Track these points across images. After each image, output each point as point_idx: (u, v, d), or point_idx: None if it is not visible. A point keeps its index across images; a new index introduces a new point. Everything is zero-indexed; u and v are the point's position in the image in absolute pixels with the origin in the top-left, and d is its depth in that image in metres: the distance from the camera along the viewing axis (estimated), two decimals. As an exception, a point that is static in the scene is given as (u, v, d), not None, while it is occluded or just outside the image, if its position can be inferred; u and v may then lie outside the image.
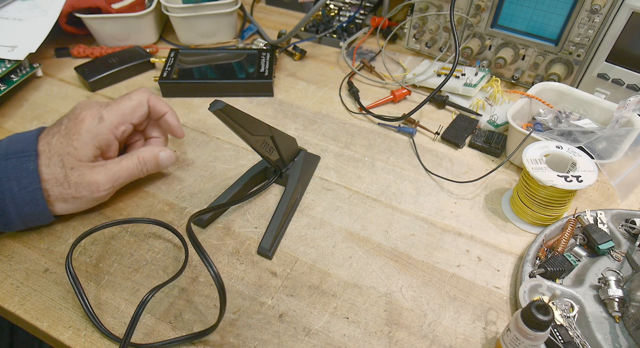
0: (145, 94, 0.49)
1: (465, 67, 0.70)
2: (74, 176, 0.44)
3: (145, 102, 0.49)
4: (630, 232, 0.47)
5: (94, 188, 0.45)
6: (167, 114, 0.51)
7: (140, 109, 0.48)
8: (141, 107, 0.48)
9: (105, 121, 0.45)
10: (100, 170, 0.45)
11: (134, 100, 0.48)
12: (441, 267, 0.46)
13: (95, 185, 0.45)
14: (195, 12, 0.73)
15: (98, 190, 0.45)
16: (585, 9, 0.59)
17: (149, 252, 0.46)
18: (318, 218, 0.50)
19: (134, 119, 0.48)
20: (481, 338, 0.40)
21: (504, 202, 0.52)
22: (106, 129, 0.45)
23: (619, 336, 0.39)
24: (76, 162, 0.44)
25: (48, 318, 0.41)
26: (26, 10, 0.72)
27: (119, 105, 0.47)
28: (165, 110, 0.51)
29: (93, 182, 0.45)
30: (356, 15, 0.84)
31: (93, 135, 0.44)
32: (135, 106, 0.48)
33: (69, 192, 0.44)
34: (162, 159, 0.50)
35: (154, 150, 0.50)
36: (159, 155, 0.50)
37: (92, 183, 0.45)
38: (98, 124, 0.45)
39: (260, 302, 0.42)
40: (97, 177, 0.45)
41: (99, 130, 0.45)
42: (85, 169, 0.44)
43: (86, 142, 0.44)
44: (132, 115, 0.47)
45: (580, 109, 0.58)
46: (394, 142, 0.60)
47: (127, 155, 0.48)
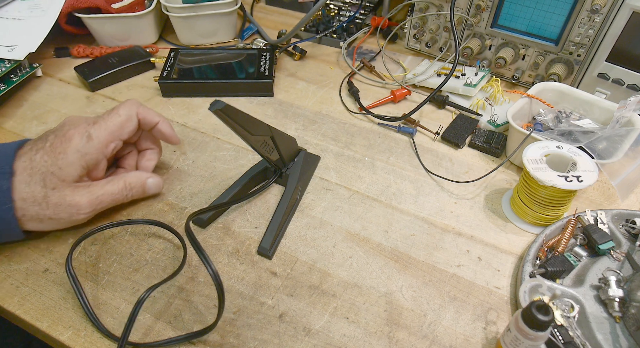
0: (133, 108, 0.47)
1: (465, 67, 0.70)
2: (54, 197, 0.41)
3: (134, 115, 0.47)
4: (630, 232, 0.47)
5: (74, 211, 0.43)
6: (159, 124, 0.49)
7: (129, 124, 0.46)
8: (130, 122, 0.46)
9: (94, 140, 0.43)
10: (83, 193, 0.43)
11: (122, 116, 0.46)
12: (441, 267, 0.46)
13: (76, 207, 0.42)
14: (195, 12, 0.73)
15: (78, 213, 0.43)
16: (586, 9, 0.59)
17: (148, 252, 0.46)
18: (318, 218, 0.50)
19: (124, 135, 0.46)
20: (481, 339, 0.40)
21: (504, 202, 0.52)
22: (95, 148, 0.43)
23: (619, 336, 0.39)
24: (59, 183, 0.41)
25: (48, 318, 0.41)
26: (26, 10, 0.72)
27: (107, 122, 0.45)
28: (156, 120, 0.49)
29: (74, 205, 0.42)
30: (356, 15, 0.84)
31: (81, 155, 0.42)
32: (124, 122, 0.46)
33: (46, 213, 0.42)
34: (149, 186, 0.48)
35: (142, 177, 0.48)
36: (146, 182, 0.48)
37: (73, 206, 0.42)
38: (87, 143, 0.43)
39: (260, 302, 0.42)
40: (79, 199, 0.43)
41: (87, 149, 0.43)
42: (67, 190, 0.42)
43: (72, 162, 0.42)
44: (122, 132, 0.45)
45: (580, 109, 0.58)
46: (394, 142, 0.60)
47: (113, 179, 0.46)
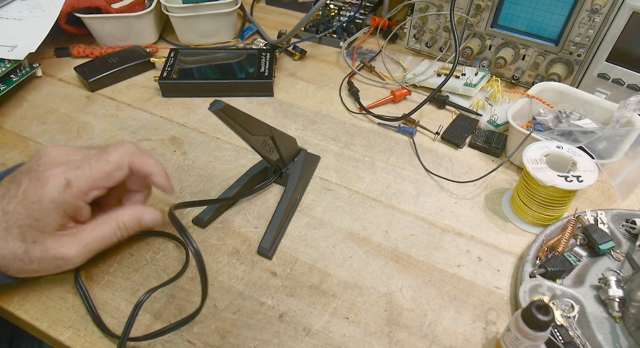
0: (126, 156, 0.40)
1: (465, 67, 0.70)
2: (36, 251, 0.37)
3: (126, 164, 0.40)
4: (630, 232, 0.47)
5: (61, 264, 0.38)
6: (153, 176, 0.42)
7: (117, 173, 0.40)
8: (119, 171, 0.40)
9: (73, 188, 0.37)
10: (68, 242, 0.38)
11: (111, 164, 0.39)
12: (441, 267, 0.46)
13: (63, 260, 0.38)
14: (195, 12, 0.73)
15: (66, 265, 0.38)
16: (586, 9, 0.59)
17: (149, 252, 0.46)
18: (318, 218, 0.50)
19: (109, 184, 0.40)
20: (481, 339, 0.40)
21: (504, 202, 0.52)
22: (73, 197, 0.37)
23: (619, 336, 0.39)
24: (39, 235, 0.36)
25: (48, 318, 0.41)
26: (26, 10, 0.72)
27: (92, 169, 0.38)
28: (151, 172, 0.42)
29: (60, 257, 0.37)
30: (356, 15, 0.84)
31: (57, 205, 0.37)
32: (112, 170, 0.39)
33: (30, 267, 0.37)
34: (146, 222, 0.42)
35: (137, 212, 0.42)
36: (142, 219, 0.42)
37: (59, 258, 0.37)
38: (64, 192, 0.37)
39: (260, 302, 0.42)
40: (65, 251, 0.37)
41: (64, 199, 0.37)
42: (50, 242, 0.37)
43: (49, 212, 0.36)
44: (107, 180, 0.39)
45: (580, 109, 0.58)
46: (394, 142, 0.60)
47: (103, 220, 0.40)
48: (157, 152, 0.57)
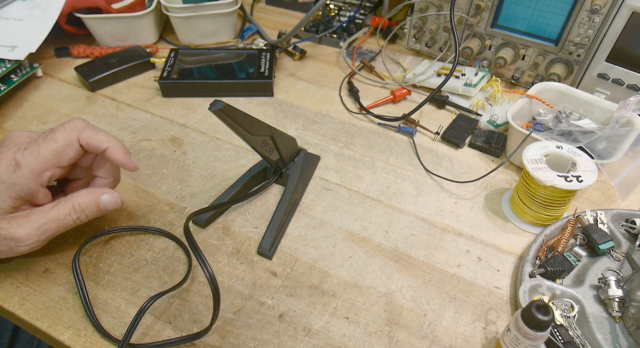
0: (74, 132, 0.40)
1: (465, 67, 0.70)
2: None
3: (75, 141, 0.40)
4: (630, 232, 0.47)
5: (13, 244, 0.37)
6: (108, 150, 0.41)
7: (67, 151, 0.39)
8: (68, 148, 0.39)
9: (23, 169, 0.37)
10: (21, 222, 0.37)
11: (59, 142, 0.39)
12: (441, 267, 0.46)
13: (14, 240, 0.37)
14: (195, 12, 0.73)
15: (18, 246, 0.38)
16: (585, 9, 0.59)
17: (149, 252, 0.46)
18: (318, 218, 0.50)
19: (62, 163, 0.39)
20: (481, 338, 0.40)
21: (504, 202, 0.52)
22: (24, 178, 0.37)
23: (619, 336, 0.39)
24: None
25: (48, 318, 0.41)
26: (26, 10, 0.72)
27: (40, 149, 0.38)
28: (103, 146, 0.41)
29: (11, 238, 0.37)
30: (356, 15, 0.84)
31: (7, 186, 0.37)
32: (60, 148, 0.39)
33: None
34: (104, 204, 0.41)
35: (94, 194, 0.41)
36: (100, 199, 0.41)
37: (10, 239, 0.37)
38: (13, 172, 0.37)
39: (260, 302, 0.42)
40: (17, 231, 0.37)
41: (14, 180, 0.37)
42: (3, 222, 0.37)
43: (0, 194, 0.36)
44: (58, 159, 0.39)
45: (580, 109, 0.58)
46: (394, 142, 0.60)
47: (59, 202, 0.40)
48: (157, 152, 0.57)
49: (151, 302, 0.40)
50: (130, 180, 0.54)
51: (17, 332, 0.63)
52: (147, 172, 0.55)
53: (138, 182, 0.53)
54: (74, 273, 0.42)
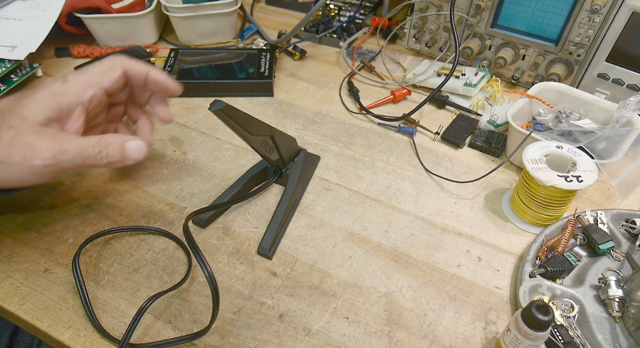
0: (117, 59, 0.42)
1: (465, 67, 0.70)
2: (7, 135, 0.34)
3: (118, 66, 0.41)
4: (630, 232, 0.47)
5: (29, 154, 0.34)
6: (150, 73, 0.44)
7: (111, 72, 0.41)
8: (112, 70, 0.41)
9: (69, 82, 0.38)
10: (45, 137, 0.35)
11: (105, 64, 0.41)
12: (441, 267, 0.46)
13: (33, 149, 0.35)
14: (195, 12, 0.73)
15: (33, 157, 0.35)
16: (586, 9, 0.59)
17: (149, 252, 0.46)
18: (318, 218, 0.50)
19: (105, 83, 0.40)
20: (481, 339, 0.40)
21: (504, 202, 0.52)
22: (69, 89, 0.37)
23: (619, 336, 0.39)
24: (18, 121, 0.35)
25: (48, 318, 0.41)
26: (26, 10, 0.72)
27: (88, 69, 0.40)
28: (145, 70, 0.43)
29: (30, 145, 0.35)
30: (356, 15, 0.84)
31: (51, 94, 0.36)
32: (106, 69, 0.41)
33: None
34: (129, 149, 0.40)
35: (122, 137, 0.41)
36: (126, 143, 0.40)
37: (29, 147, 0.35)
38: (61, 84, 0.37)
39: (260, 302, 0.42)
40: (37, 141, 0.35)
41: (59, 90, 0.37)
42: (26, 130, 0.35)
43: (39, 100, 0.36)
44: (102, 78, 0.40)
45: (580, 109, 0.58)
46: (394, 142, 0.60)
47: (88, 136, 0.39)
48: (157, 152, 0.57)
49: (150, 302, 0.40)
50: (131, 180, 0.54)
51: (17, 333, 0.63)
52: (147, 172, 0.55)
53: (138, 182, 0.53)
54: (74, 274, 0.42)
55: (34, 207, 0.50)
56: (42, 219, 0.49)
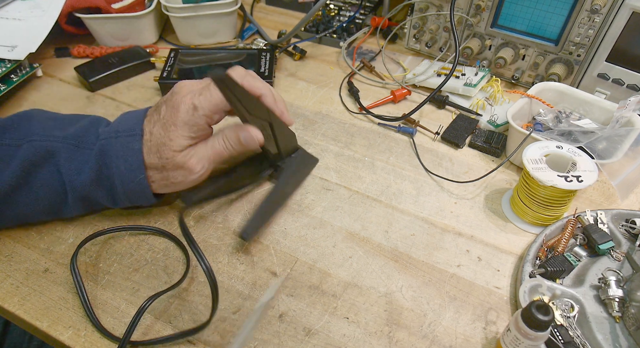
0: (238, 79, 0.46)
1: (465, 67, 0.70)
2: (169, 165, 0.44)
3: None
4: (630, 232, 0.47)
5: (187, 173, 0.45)
6: (263, 97, 0.47)
7: None
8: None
9: (199, 111, 0.44)
10: (192, 154, 0.45)
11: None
12: (441, 267, 0.46)
13: (188, 170, 0.45)
14: (195, 12, 0.73)
15: (191, 173, 0.45)
16: (586, 9, 0.59)
17: (149, 252, 0.46)
18: (318, 218, 0.50)
19: (228, 106, 0.45)
20: (481, 339, 0.40)
21: (504, 202, 0.52)
22: (200, 118, 0.44)
23: (619, 336, 0.39)
24: (171, 153, 0.44)
25: (48, 318, 0.41)
26: (26, 10, 0.72)
27: (212, 94, 0.45)
28: (260, 93, 0.47)
29: (187, 168, 0.45)
30: (356, 15, 0.84)
31: (189, 127, 0.44)
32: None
33: (164, 175, 0.45)
34: (243, 139, 0.46)
35: (237, 129, 0.47)
36: (240, 134, 0.46)
37: (186, 169, 0.45)
38: (192, 115, 0.44)
39: (259, 301, 0.42)
40: (190, 161, 0.45)
41: (194, 120, 0.44)
42: (180, 158, 0.44)
43: (182, 134, 0.44)
44: (225, 105, 0.45)
45: (580, 109, 0.58)
46: (394, 142, 0.60)
47: (214, 135, 0.47)
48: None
49: (150, 302, 0.40)
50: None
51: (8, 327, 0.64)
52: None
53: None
54: (72, 273, 0.42)
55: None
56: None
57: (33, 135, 0.44)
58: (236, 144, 0.47)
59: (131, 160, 0.43)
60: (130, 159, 0.43)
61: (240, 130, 0.46)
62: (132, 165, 0.43)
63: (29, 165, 0.43)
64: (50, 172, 0.44)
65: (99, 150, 0.44)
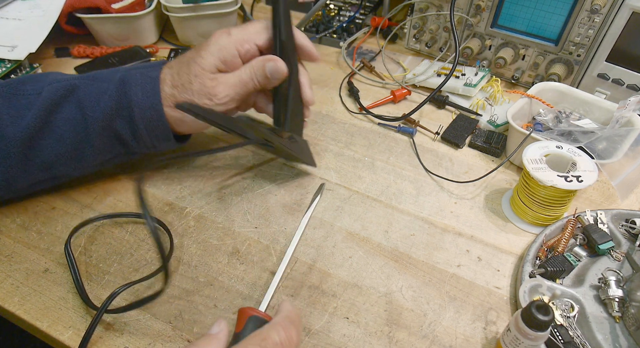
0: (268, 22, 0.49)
1: (465, 67, 0.70)
2: (196, 83, 0.45)
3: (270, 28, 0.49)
4: (630, 232, 0.47)
5: (213, 96, 0.46)
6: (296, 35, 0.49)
7: (266, 31, 0.48)
8: (268, 29, 0.48)
9: (232, 36, 0.47)
10: (220, 81, 0.46)
11: (262, 23, 0.49)
12: (441, 267, 0.46)
13: (214, 96, 0.46)
14: (195, 12, 0.73)
15: (217, 97, 0.46)
16: (586, 9, 0.59)
17: (149, 252, 0.46)
18: (318, 218, 0.50)
19: (259, 40, 0.48)
20: (481, 338, 0.40)
21: (504, 202, 0.52)
22: (231, 42, 0.46)
23: (619, 336, 0.39)
24: (200, 70, 0.45)
25: (48, 318, 0.41)
26: (26, 10, 0.72)
27: (247, 25, 0.48)
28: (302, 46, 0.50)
29: (213, 94, 0.46)
30: (356, 15, 0.84)
31: (219, 48, 0.46)
32: (262, 28, 0.49)
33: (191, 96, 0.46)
34: (268, 69, 0.47)
35: (264, 60, 0.48)
36: (265, 65, 0.47)
37: (212, 95, 0.46)
38: (226, 38, 0.46)
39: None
40: (216, 88, 0.46)
41: (225, 43, 0.46)
42: (207, 79, 0.46)
43: (212, 53, 0.46)
44: (257, 36, 0.48)
45: (580, 109, 0.58)
46: (394, 142, 0.60)
47: (242, 67, 0.48)
48: (157, 152, 0.57)
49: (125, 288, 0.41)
50: (131, 180, 0.54)
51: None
52: (147, 172, 0.55)
53: (138, 182, 0.53)
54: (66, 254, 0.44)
55: (34, 207, 0.50)
56: (42, 219, 0.49)
57: (53, 82, 0.46)
58: (262, 74, 0.47)
59: (148, 87, 0.45)
60: (148, 86, 0.45)
61: (267, 60, 0.47)
62: (149, 92, 0.45)
63: (50, 105, 0.44)
64: (71, 107, 0.45)
65: (119, 79, 0.46)
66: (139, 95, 0.45)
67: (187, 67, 0.46)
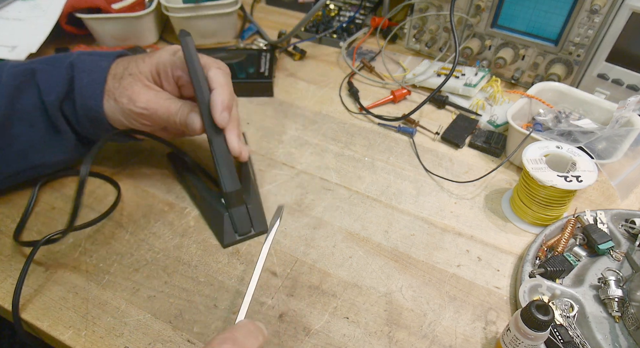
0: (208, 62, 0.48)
1: (465, 67, 0.70)
2: (126, 80, 0.45)
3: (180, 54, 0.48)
4: (630, 232, 0.47)
5: (129, 100, 0.45)
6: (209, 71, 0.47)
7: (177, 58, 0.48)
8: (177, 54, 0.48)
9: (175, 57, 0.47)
10: (147, 91, 0.46)
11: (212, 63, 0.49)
12: (441, 267, 0.46)
13: (134, 98, 0.45)
14: (195, 12, 0.74)
15: (133, 103, 0.45)
16: (585, 9, 0.59)
17: (149, 252, 0.46)
18: (318, 218, 0.50)
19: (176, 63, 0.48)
20: (481, 338, 0.40)
21: (504, 202, 0.52)
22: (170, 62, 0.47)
23: (618, 336, 0.39)
24: (136, 71, 0.46)
25: (48, 318, 0.41)
26: (26, 10, 0.72)
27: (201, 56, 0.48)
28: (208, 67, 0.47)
29: (136, 93, 0.45)
30: (356, 15, 0.84)
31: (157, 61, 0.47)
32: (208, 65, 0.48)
33: (116, 92, 0.45)
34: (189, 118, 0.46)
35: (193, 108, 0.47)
36: (190, 114, 0.47)
37: (132, 95, 0.45)
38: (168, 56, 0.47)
39: (260, 302, 0.42)
40: (141, 93, 0.45)
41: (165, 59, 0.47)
42: (138, 81, 0.46)
43: (151, 62, 0.47)
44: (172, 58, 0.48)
45: (580, 109, 0.58)
46: (394, 142, 0.60)
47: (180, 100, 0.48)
48: (157, 152, 0.58)
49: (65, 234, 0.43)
50: (131, 179, 0.54)
51: None
52: (147, 172, 0.55)
53: (138, 182, 0.53)
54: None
55: (34, 207, 0.50)
56: (43, 219, 0.49)
57: (12, 67, 0.46)
58: (184, 118, 0.46)
59: (95, 76, 0.45)
60: (95, 74, 0.45)
61: (195, 111, 0.46)
62: (95, 81, 0.45)
63: (13, 91, 0.44)
64: (32, 92, 0.45)
65: (70, 63, 0.46)
66: (84, 81, 0.45)
67: (130, 64, 0.46)
